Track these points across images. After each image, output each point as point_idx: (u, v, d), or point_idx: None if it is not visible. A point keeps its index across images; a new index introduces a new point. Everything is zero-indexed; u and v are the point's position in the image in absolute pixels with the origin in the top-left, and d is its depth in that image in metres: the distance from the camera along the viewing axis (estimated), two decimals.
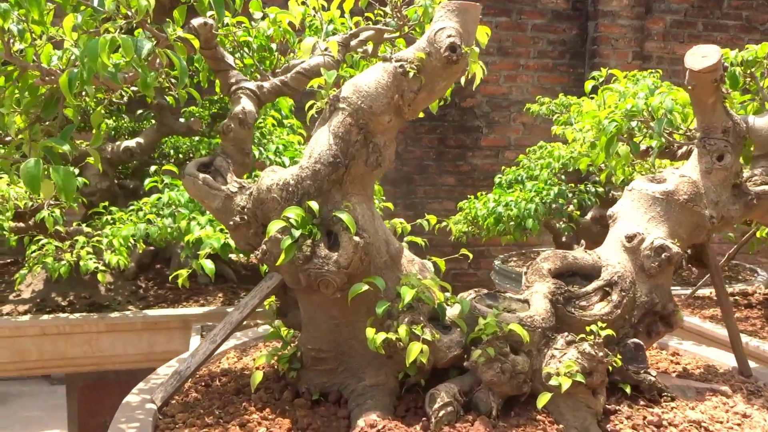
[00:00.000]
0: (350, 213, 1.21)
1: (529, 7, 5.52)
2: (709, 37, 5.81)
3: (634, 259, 1.25)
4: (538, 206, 3.18)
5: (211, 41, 1.33)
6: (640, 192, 1.29)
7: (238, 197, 1.34)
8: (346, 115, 1.25)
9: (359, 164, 1.26)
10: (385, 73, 1.24)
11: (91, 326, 2.62)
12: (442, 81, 1.22)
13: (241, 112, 1.37)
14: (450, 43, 1.17)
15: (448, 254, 3.96)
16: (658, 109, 1.59)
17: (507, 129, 5.70)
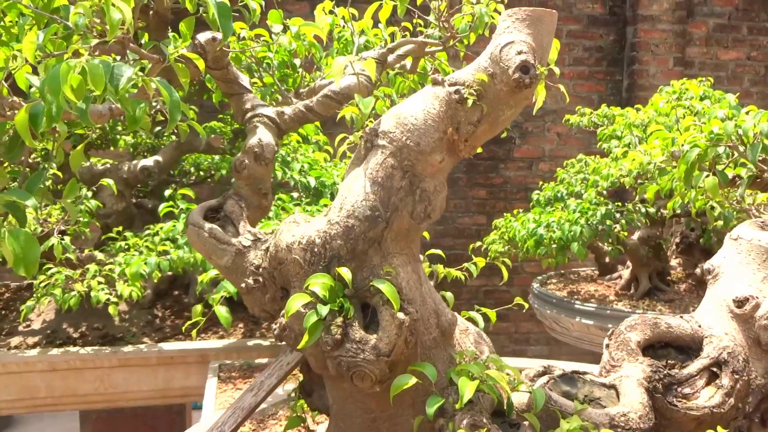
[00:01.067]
0: (392, 281, 0.98)
1: (564, 13, 5.27)
2: (755, 42, 5.50)
3: (745, 330, 1.00)
4: (583, 229, 2.93)
5: (222, 60, 1.12)
6: (749, 243, 1.05)
7: (252, 253, 1.11)
8: (387, 155, 1.00)
9: (403, 216, 1.01)
10: (436, 101, 0.99)
11: (103, 361, 2.44)
12: (508, 109, 0.97)
13: (257, 145, 1.15)
14: (521, 62, 0.92)
15: (480, 270, 3.72)
16: (749, 133, 1.34)
17: (541, 139, 5.45)
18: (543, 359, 5.98)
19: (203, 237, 1.13)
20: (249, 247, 1.10)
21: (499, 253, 3.58)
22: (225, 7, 0.81)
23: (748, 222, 1.12)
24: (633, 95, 5.36)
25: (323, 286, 0.94)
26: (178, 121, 0.82)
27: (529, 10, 0.94)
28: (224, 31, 0.82)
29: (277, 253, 1.05)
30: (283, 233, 1.06)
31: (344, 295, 0.96)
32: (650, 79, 5.33)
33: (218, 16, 0.81)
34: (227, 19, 0.82)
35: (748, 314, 0.98)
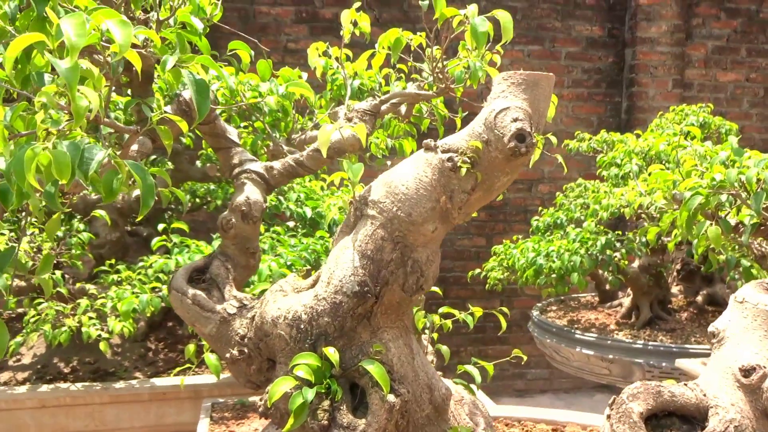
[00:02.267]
0: (382, 360, 0.93)
1: (563, 35, 5.27)
2: (754, 64, 5.50)
3: (752, 401, 0.96)
4: (583, 259, 2.89)
5: (209, 115, 1.09)
6: (755, 307, 1.01)
7: (237, 322, 1.07)
8: (377, 226, 0.96)
9: (394, 290, 0.97)
10: (428, 168, 0.95)
11: (94, 398, 2.39)
12: (503, 176, 0.94)
13: (245, 204, 1.11)
14: (517, 131, 0.89)
15: (479, 292, 3.67)
16: (753, 181, 1.31)
17: (540, 161, 5.39)
18: (543, 380, 5.89)
19: (186, 304, 1.09)
20: (234, 315, 1.06)
21: (498, 280, 3.54)
22: (203, 85, 0.78)
23: (753, 283, 1.08)
24: (632, 117, 5.35)
25: (307, 370, 0.89)
26: (149, 206, 0.78)
27: (525, 74, 0.90)
28: (200, 109, 0.78)
29: (262, 325, 1.01)
30: (268, 304, 1.02)
31: (332, 376, 0.92)
32: (649, 101, 5.32)
33: (195, 93, 0.77)
34: (204, 97, 0.78)
35: (755, 384, 0.94)
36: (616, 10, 5.35)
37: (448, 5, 1.10)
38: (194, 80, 0.77)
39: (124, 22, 0.67)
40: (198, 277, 1.15)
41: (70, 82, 0.63)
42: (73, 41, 0.62)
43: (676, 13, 5.28)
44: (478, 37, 1.04)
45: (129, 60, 0.80)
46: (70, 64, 0.62)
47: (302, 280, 1.06)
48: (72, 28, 0.62)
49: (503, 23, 1.06)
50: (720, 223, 1.35)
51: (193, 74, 0.78)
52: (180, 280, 1.12)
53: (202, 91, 0.77)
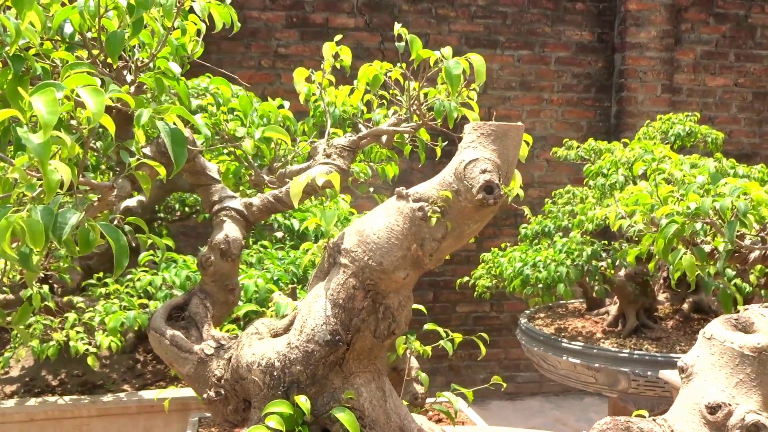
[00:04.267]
0: (353, 406, 0.95)
1: (553, 40, 5.30)
2: (742, 68, 5.54)
3: None
4: (569, 270, 2.91)
5: (188, 154, 1.10)
6: (722, 344, 1.04)
7: (214, 363, 1.08)
8: (349, 275, 0.98)
9: (366, 337, 0.99)
10: (400, 217, 0.97)
11: (82, 411, 2.40)
12: (473, 224, 0.96)
13: (224, 242, 1.13)
14: (485, 182, 0.91)
15: (469, 296, 3.69)
16: (726, 210, 1.33)
17: (530, 166, 5.46)
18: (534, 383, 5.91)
19: (165, 345, 1.10)
20: (212, 356, 1.08)
21: (486, 288, 3.57)
22: (178, 135, 0.79)
23: (722, 318, 1.11)
24: (621, 122, 5.38)
25: (278, 420, 0.92)
26: (124, 266, 0.79)
27: (494, 125, 0.92)
28: (177, 160, 0.80)
29: (238, 368, 1.03)
30: (244, 348, 1.04)
31: (304, 422, 0.95)
32: (638, 106, 5.36)
33: (171, 144, 0.79)
34: (181, 147, 0.80)
35: (720, 422, 0.97)
36: (605, 16, 5.38)
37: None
38: (169, 131, 0.78)
39: (97, 91, 0.68)
40: (177, 314, 1.16)
41: (41, 157, 0.64)
42: (45, 119, 0.63)
43: (665, 19, 5.31)
44: (452, 78, 1.06)
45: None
46: (42, 140, 0.63)
47: (278, 321, 1.07)
48: (44, 105, 0.63)
49: (476, 67, 1.07)
50: (694, 251, 1.38)
51: (169, 125, 0.79)
52: (158, 320, 1.13)
53: (178, 141, 0.79)
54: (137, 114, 0.79)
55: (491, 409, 5.22)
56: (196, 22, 1.06)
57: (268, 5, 4.90)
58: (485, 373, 5.50)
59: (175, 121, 0.81)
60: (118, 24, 0.83)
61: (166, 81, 0.91)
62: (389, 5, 5.02)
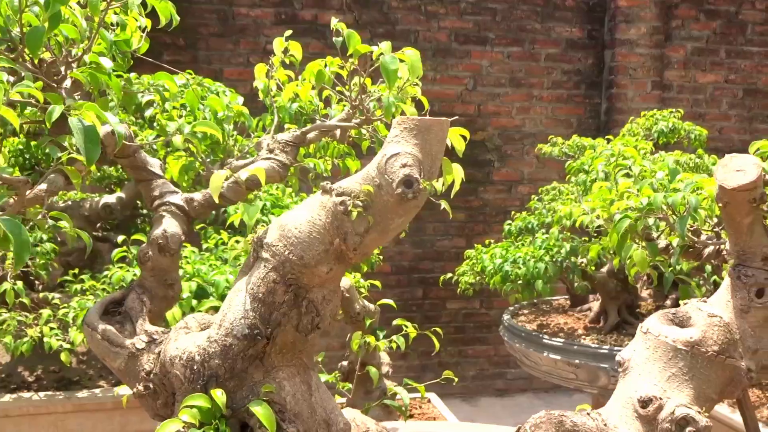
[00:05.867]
0: (274, 399, 0.95)
1: (543, 36, 5.29)
2: (733, 65, 5.53)
3: (649, 431, 0.99)
4: (548, 266, 2.91)
5: (126, 150, 1.10)
6: (657, 339, 1.04)
7: (145, 357, 1.08)
8: (270, 269, 0.98)
9: (288, 331, 0.99)
10: (322, 211, 0.97)
11: (57, 407, 2.41)
12: (398, 218, 0.95)
13: (162, 237, 1.13)
14: (404, 177, 0.91)
15: (459, 294, 3.69)
16: (680, 206, 1.33)
17: (520, 162, 5.46)
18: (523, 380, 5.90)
19: (96, 339, 1.11)
20: (143, 350, 1.08)
21: (469, 284, 3.57)
22: (92, 132, 0.79)
23: (659, 313, 1.11)
24: (611, 119, 5.37)
25: (191, 413, 0.92)
26: (29, 256, 0.80)
27: (417, 119, 0.92)
28: (88, 157, 0.79)
29: (164, 365, 1.04)
30: (170, 342, 1.04)
31: (223, 416, 0.95)
32: (628, 102, 5.35)
33: (83, 141, 0.78)
34: (94, 144, 0.79)
35: (651, 415, 0.97)
36: (595, 12, 5.37)
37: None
38: (82, 128, 0.78)
39: None
40: (114, 310, 1.17)
41: None
42: None
43: (655, 15, 5.30)
44: (388, 73, 1.06)
45: None
46: None
47: (210, 316, 1.08)
48: None
49: (410, 63, 1.07)
50: (647, 246, 1.38)
51: (82, 121, 0.79)
52: (92, 315, 1.14)
53: (91, 138, 0.79)
54: (48, 110, 0.80)
55: (480, 405, 5.22)
56: (136, 17, 1.06)
57: (256, 2, 4.90)
58: (475, 370, 5.51)
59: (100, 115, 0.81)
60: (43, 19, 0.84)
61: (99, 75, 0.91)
62: (378, 2, 5.02)
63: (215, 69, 4.85)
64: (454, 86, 5.21)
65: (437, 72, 5.13)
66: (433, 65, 5.08)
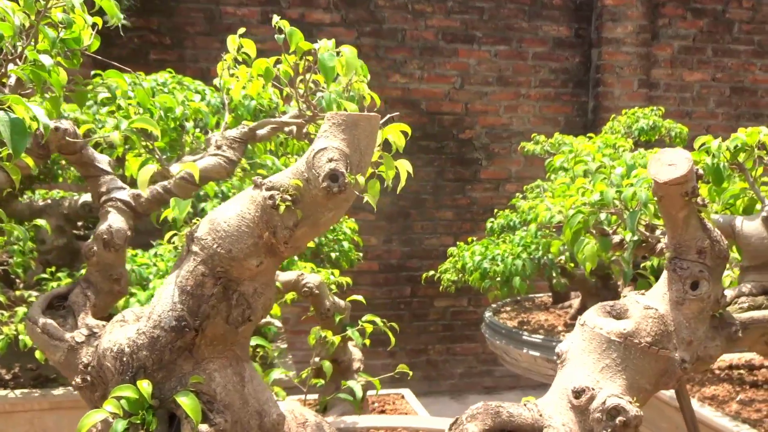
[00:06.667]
0: (203, 390, 0.97)
1: (530, 35, 5.30)
2: (720, 63, 5.54)
3: (582, 421, 1.00)
4: (525, 263, 2.93)
5: (71, 147, 1.12)
6: (592, 330, 1.05)
7: (84, 350, 1.09)
8: (198, 262, 0.99)
9: (217, 323, 1.01)
10: (252, 205, 0.98)
11: (33, 404, 2.42)
12: (328, 212, 0.97)
13: (106, 232, 1.14)
14: (330, 171, 0.92)
15: (447, 292, 3.69)
16: (631, 200, 1.35)
17: (507, 161, 5.47)
18: (511, 377, 5.90)
19: (36, 333, 1.12)
20: (82, 344, 1.10)
21: (451, 282, 3.58)
22: (17, 124, 0.80)
23: (597, 306, 1.12)
24: (598, 117, 5.39)
25: (115, 404, 0.93)
26: None
27: (345, 115, 0.94)
28: (15, 149, 0.80)
29: (98, 357, 1.05)
30: (105, 335, 1.06)
31: (151, 407, 0.96)
32: (615, 101, 5.36)
33: (10, 133, 0.80)
34: (21, 136, 0.81)
35: (583, 405, 0.98)
36: (582, 11, 5.38)
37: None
38: (8, 121, 0.79)
39: None
40: (59, 304, 1.18)
41: None
42: None
43: (641, 14, 5.31)
44: (326, 70, 1.07)
45: None
46: None
47: (148, 308, 1.09)
48: None
49: (346, 59, 1.09)
50: (599, 241, 1.39)
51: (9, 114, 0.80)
52: (35, 309, 1.15)
53: (17, 130, 0.80)
54: None
55: (468, 403, 5.22)
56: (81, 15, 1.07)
57: (243, 1, 4.91)
58: (463, 367, 5.53)
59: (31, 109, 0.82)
60: None
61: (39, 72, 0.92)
62: (365, 1, 5.03)
63: (202, 68, 4.86)
64: (442, 85, 5.22)
65: (424, 71, 5.15)
66: (420, 64, 5.09)
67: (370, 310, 6.04)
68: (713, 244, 1.05)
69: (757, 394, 2.32)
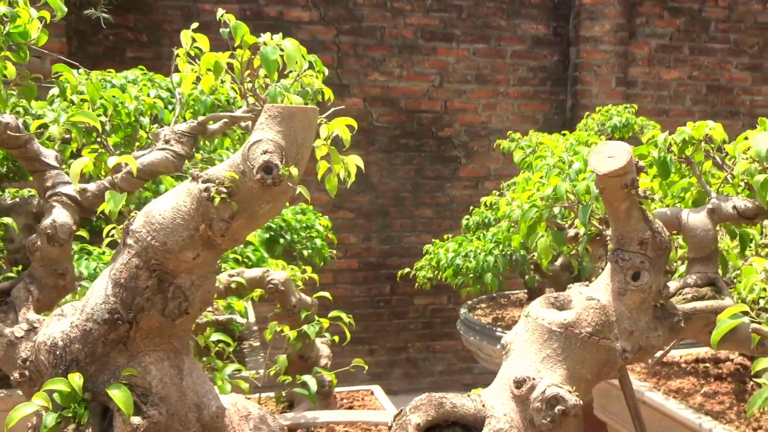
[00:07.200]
0: (137, 383, 0.97)
1: (508, 33, 5.33)
2: (696, 62, 5.60)
3: (522, 411, 1.01)
4: (497, 259, 2.95)
5: (15, 141, 1.11)
6: (535, 321, 1.06)
7: (23, 345, 1.09)
8: (132, 254, 0.99)
9: (153, 315, 1.01)
10: (188, 198, 0.98)
11: None
12: (265, 204, 0.97)
13: (50, 227, 1.14)
14: (264, 163, 0.92)
15: (426, 289, 3.71)
16: (584, 194, 1.36)
17: (486, 159, 5.49)
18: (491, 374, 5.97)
19: None
20: (21, 338, 1.09)
21: (427, 279, 3.60)
22: None
23: (543, 297, 1.13)
24: (576, 115, 5.42)
25: (44, 398, 0.93)
26: None
27: (281, 107, 0.94)
28: None
29: (35, 352, 1.05)
30: (43, 329, 1.05)
31: (83, 400, 0.96)
32: (593, 99, 5.39)
33: None
34: None
35: (524, 395, 0.99)
36: (560, 9, 5.41)
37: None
38: None
39: None
40: (1, 299, 1.18)
41: None
42: None
43: (619, 12, 5.35)
44: (268, 63, 1.07)
45: None
46: None
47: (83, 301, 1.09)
48: None
49: (287, 53, 1.09)
50: (552, 235, 1.41)
51: None
52: None
53: None
54: None
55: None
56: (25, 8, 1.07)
57: None
58: (443, 365, 5.54)
59: None
60: None
61: None
62: None
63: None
64: (421, 83, 5.23)
65: (403, 69, 5.15)
66: (399, 62, 5.10)
67: (349, 308, 6.06)
68: (654, 236, 1.07)
69: (721, 386, 2.35)
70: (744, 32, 5.65)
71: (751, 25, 5.66)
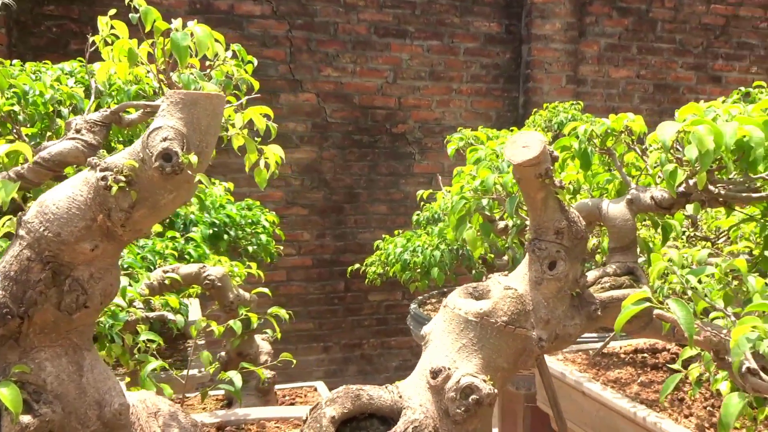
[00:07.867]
0: (29, 380, 0.93)
1: (462, 31, 5.36)
2: (644, 61, 5.73)
3: (438, 401, 1.01)
4: (444, 253, 2.97)
5: None
6: (453, 311, 1.06)
7: None
8: (24, 246, 0.95)
9: (47, 310, 0.97)
10: (85, 187, 0.95)
11: None
12: (168, 194, 0.94)
13: None
14: (163, 150, 0.90)
15: (380, 284, 3.70)
16: (512, 186, 1.37)
17: (440, 155, 5.51)
18: None
19: None
20: None
21: (377, 274, 3.59)
22: None
23: (461, 288, 1.14)
24: (528, 112, 5.49)
25: None
26: None
27: (183, 93, 0.91)
28: None
29: None
30: None
31: None
32: (544, 96, 5.47)
33: None
34: None
35: (440, 385, 0.99)
36: (512, 8, 5.47)
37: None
38: None
39: None
40: None
41: None
42: None
43: (569, 11, 5.44)
44: (179, 50, 1.05)
45: None
46: None
47: None
48: None
49: (197, 38, 1.07)
50: (480, 226, 1.41)
51: None
52: None
53: None
54: None
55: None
56: None
57: None
58: (398, 360, 5.55)
59: None
60: None
61: None
62: None
63: None
64: (375, 79, 5.22)
65: (357, 64, 5.14)
66: (353, 57, 5.08)
67: (303, 305, 6.00)
68: (570, 225, 1.08)
69: (657, 376, 2.40)
70: (689, 33, 5.81)
71: (696, 25, 5.82)
